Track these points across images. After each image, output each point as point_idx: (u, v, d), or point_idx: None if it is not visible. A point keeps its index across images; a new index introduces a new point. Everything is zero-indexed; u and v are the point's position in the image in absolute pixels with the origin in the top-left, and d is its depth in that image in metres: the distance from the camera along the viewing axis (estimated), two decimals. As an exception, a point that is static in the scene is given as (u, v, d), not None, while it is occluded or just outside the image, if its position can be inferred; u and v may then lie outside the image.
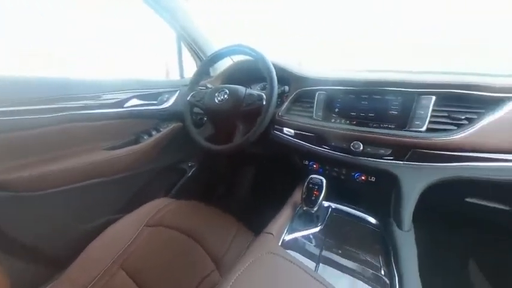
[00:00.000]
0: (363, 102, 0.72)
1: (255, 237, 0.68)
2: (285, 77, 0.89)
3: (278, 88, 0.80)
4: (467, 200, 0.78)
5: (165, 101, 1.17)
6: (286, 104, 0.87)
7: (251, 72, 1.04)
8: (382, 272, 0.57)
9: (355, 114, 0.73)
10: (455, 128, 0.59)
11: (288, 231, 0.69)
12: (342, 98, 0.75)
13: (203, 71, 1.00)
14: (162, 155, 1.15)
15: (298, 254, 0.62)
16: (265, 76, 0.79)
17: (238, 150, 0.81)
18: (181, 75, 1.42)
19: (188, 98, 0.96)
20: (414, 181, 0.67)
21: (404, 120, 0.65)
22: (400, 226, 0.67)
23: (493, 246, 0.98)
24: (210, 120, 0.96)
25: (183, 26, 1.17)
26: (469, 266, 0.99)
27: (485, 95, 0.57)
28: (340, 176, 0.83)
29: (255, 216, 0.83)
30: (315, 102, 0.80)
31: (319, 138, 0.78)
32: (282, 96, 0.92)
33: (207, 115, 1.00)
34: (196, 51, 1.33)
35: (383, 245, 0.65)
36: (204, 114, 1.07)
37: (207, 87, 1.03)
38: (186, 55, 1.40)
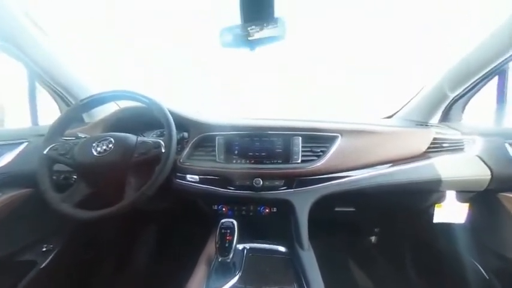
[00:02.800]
0: (256, 143, 0.84)
1: None
2: (183, 124, 0.89)
3: (177, 134, 0.77)
4: (336, 209, 1.04)
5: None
6: (187, 150, 0.85)
7: (141, 120, 0.95)
8: None
9: (252, 154, 0.84)
10: (316, 158, 0.82)
11: None
12: (239, 141, 0.85)
13: (71, 117, 0.79)
14: None
15: None
16: (160, 123, 0.74)
17: (130, 209, 0.65)
18: (35, 122, 1.05)
19: (45, 152, 0.70)
20: (303, 203, 0.83)
21: (287, 156, 0.83)
22: (301, 247, 0.77)
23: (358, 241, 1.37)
24: (82, 179, 0.73)
25: (37, 62, 0.92)
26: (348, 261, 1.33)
27: (326, 135, 0.86)
28: (249, 213, 0.87)
29: (164, 285, 0.66)
30: (216, 147, 0.84)
31: (224, 180, 0.83)
32: (181, 142, 0.89)
33: (77, 172, 0.76)
34: (60, 93, 1.05)
35: (294, 269, 0.71)
36: (73, 171, 0.81)
37: (77, 137, 0.81)
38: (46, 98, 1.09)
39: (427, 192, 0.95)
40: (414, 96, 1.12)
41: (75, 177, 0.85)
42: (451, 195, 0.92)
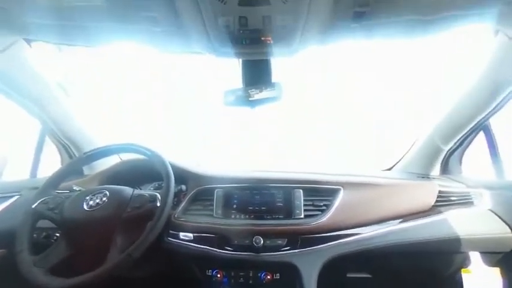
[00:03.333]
0: (256, 197, 0.81)
1: None
2: (182, 176, 0.88)
3: (175, 187, 0.75)
4: (349, 275, 0.91)
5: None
6: (183, 204, 0.81)
7: (140, 172, 0.94)
8: None
9: (252, 208, 0.79)
10: (320, 213, 0.77)
11: None
12: (239, 194, 0.82)
13: (71, 170, 0.79)
14: None
15: None
16: (160, 175, 0.73)
17: (111, 274, 0.57)
18: (33, 174, 1.04)
19: (34, 206, 0.67)
20: (310, 267, 0.73)
21: (289, 210, 0.78)
22: None
23: None
24: (64, 238, 0.67)
25: (53, 118, 0.98)
26: None
27: (328, 188, 0.83)
28: (248, 281, 0.76)
29: None
30: (215, 200, 0.80)
31: (221, 238, 0.76)
32: (178, 195, 0.86)
33: (61, 230, 0.70)
34: (66, 145, 1.08)
35: None
36: (57, 228, 0.75)
37: (71, 190, 0.78)
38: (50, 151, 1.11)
39: (448, 254, 0.85)
40: (410, 148, 1.15)
41: (57, 234, 0.78)
42: (476, 257, 0.82)
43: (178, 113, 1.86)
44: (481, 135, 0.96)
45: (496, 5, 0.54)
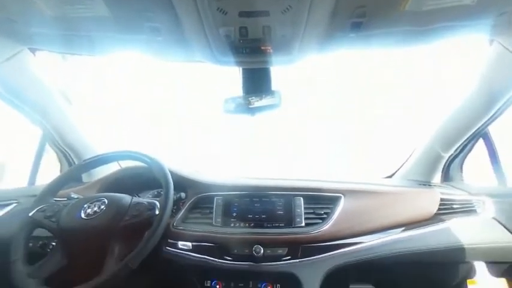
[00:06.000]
0: (256, 205, 0.80)
1: None
2: (181, 183, 0.87)
3: (174, 195, 0.74)
4: (351, 287, 0.88)
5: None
6: (182, 212, 0.80)
7: (139, 180, 0.93)
8: None
9: (251, 216, 0.78)
10: (321, 221, 0.76)
11: None
12: (239, 202, 0.81)
13: (70, 177, 0.78)
14: None
15: None
16: (159, 182, 0.73)
17: (108, 285, 0.55)
18: (32, 182, 1.04)
19: (31, 214, 0.66)
20: (311, 278, 0.71)
21: (289, 218, 0.77)
22: None
23: None
24: (60, 247, 0.66)
25: (54, 126, 0.98)
26: None
27: (328, 195, 0.82)
28: None
29: None
30: (214, 208, 0.79)
31: (221, 247, 0.74)
32: (177, 203, 0.85)
33: (57, 239, 0.69)
34: (66, 153, 1.08)
35: None
36: (54, 237, 0.73)
37: (69, 198, 0.78)
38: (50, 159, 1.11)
39: (452, 264, 0.83)
40: (410, 155, 1.15)
41: (54, 244, 0.76)
42: (481, 268, 0.80)
43: (178, 121, 1.87)
44: (481, 142, 0.96)
45: (490, 16, 0.55)
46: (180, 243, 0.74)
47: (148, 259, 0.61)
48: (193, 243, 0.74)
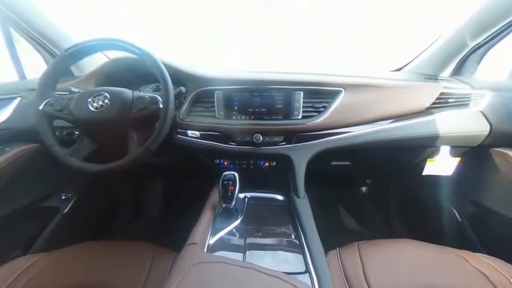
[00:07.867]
0: (256, 99, 0.82)
1: (177, 255, 0.62)
2: (179, 78, 0.84)
3: (174, 89, 0.74)
4: (332, 163, 1.09)
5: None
6: (185, 105, 0.83)
7: (134, 73, 0.89)
8: (293, 236, 0.69)
9: (252, 110, 0.82)
10: (317, 114, 0.81)
11: (212, 234, 0.68)
12: (239, 96, 0.82)
13: (59, 70, 0.74)
14: (13, 193, 0.78)
15: (225, 252, 0.63)
16: (155, 76, 0.70)
17: (136, 163, 0.68)
18: (22, 76, 1.00)
19: (41, 107, 0.69)
20: (301, 157, 0.86)
21: (287, 112, 0.81)
22: (297, 195, 0.84)
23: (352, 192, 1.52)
24: (85, 135, 0.74)
25: (12, 7, 0.80)
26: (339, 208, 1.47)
27: (329, 89, 0.82)
28: (250, 167, 0.92)
29: (173, 233, 0.75)
30: (215, 102, 0.82)
31: (225, 136, 0.84)
32: (179, 97, 0.87)
33: (78, 128, 0.76)
34: (41, 42, 0.96)
35: (290, 215, 0.80)
36: (74, 127, 0.81)
37: (71, 92, 0.78)
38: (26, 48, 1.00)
39: (423, 148, 0.97)
40: (428, 47, 1.02)
41: (77, 132, 0.86)
42: (445, 150, 0.95)
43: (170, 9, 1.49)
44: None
45: None
46: (189, 132, 0.83)
47: (165, 144, 0.71)
48: (201, 132, 0.83)
